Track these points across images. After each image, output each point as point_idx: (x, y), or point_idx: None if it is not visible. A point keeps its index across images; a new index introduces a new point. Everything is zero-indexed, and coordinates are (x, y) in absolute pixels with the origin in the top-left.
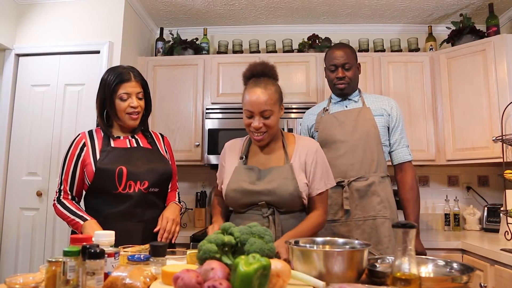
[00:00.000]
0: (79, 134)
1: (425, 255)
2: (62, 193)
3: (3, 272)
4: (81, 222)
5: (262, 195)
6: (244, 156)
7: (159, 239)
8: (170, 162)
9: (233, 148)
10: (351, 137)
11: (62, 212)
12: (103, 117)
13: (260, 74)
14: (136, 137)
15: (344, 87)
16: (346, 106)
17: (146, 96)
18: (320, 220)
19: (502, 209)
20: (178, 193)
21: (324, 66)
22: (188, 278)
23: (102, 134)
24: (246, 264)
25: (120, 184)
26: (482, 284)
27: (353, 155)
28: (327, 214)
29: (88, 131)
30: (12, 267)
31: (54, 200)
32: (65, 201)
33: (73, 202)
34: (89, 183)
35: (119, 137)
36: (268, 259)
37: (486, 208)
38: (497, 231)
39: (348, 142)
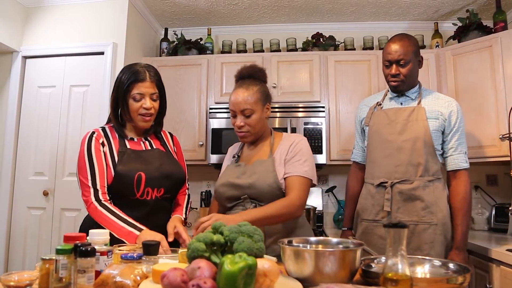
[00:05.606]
0: (94, 132)
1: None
2: (100, 193)
3: (11, 270)
4: (137, 233)
5: (244, 188)
6: (237, 156)
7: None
8: (181, 165)
9: (232, 151)
10: (398, 138)
11: (108, 217)
12: (117, 116)
13: (247, 76)
14: (149, 139)
15: (397, 84)
16: (402, 103)
17: (162, 97)
18: (286, 203)
19: (510, 208)
20: (189, 195)
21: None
22: (173, 277)
23: (117, 134)
24: (231, 263)
25: (138, 191)
26: (487, 286)
27: (398, 157)
28: (300, 200)
29: (101, 128)
30: (20, 264)
31: (90, 202)
32: (108, 205)
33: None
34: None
35: (133, 139)
36: (254, 258)
37: (494, 208)
38: (505, 231)
39: (395, 142)
